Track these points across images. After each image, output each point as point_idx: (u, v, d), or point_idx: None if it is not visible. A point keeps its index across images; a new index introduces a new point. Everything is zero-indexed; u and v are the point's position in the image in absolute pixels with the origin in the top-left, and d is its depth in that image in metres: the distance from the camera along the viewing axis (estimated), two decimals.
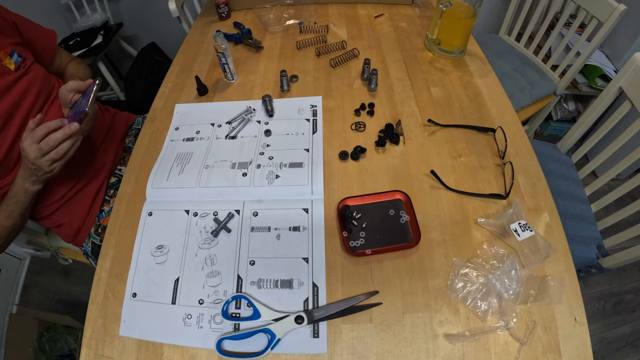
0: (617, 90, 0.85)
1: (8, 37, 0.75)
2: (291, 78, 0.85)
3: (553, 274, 0.53)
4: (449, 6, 0.81)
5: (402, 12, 1.05)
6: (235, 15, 1.09)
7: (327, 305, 0.52)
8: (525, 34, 1.39)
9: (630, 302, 1.36)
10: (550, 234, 0.57)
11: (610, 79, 1.24)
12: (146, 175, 0.67)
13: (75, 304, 1.43)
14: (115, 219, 0.64)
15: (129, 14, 1.93)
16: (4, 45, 0.73)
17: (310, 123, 0.74)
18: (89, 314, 0.54)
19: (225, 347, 0.50)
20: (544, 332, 0.48)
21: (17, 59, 0.74)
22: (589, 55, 1.14)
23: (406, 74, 0.84)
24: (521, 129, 0.71)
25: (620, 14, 0.99)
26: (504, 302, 0.50)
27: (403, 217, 0.60)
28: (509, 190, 0.61)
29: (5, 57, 0.72)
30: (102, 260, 0.59)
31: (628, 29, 1.43)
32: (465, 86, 0.81)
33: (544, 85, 1.31)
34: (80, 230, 0.84)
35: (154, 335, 0.52)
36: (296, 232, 0.59)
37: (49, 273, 1.52)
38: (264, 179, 0.64)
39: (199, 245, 0.59)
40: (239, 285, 0.55)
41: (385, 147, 0.70)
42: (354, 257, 0.56)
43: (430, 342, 0.49)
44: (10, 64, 0.72)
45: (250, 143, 0.71)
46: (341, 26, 1.01)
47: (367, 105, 0.77)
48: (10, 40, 0.74)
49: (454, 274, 0.53)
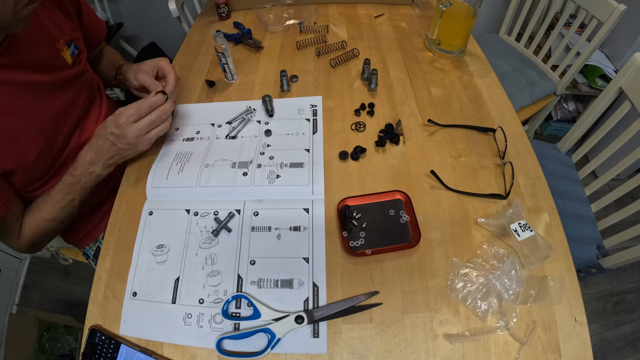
0: (617, 90, 0.85)
1: (70, 19, 0.67)
2: (291, 78, 0.85)
3: (553, 274, 0.53)
4: (449, 6, 0.81)
5: (402, 12, 1.05)
6: (235, 15, 1.09)
7: (327, 305, 0.52)
8: (525, 34, 1.39)
9: (630, 302, 1.36)
10: (550, 234, 0.57)
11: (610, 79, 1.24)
12: (146, 175, 0.67)
13: (75, 304, 1.43)
14: (115, 218, 0.64)
15: (129, 14, 1.93)
16: (64, 31, 0.65)
17: (310, 123, 0.74)
18: (89, 314, 0.54)
19: (225, 346, 0.50)
20: (544, 332, 0.48)
21: (74, 51, 0.66)
22: (589, 55, 1.15)
23: (406, 74, 0.85)
24: (521, 129, 0.71)
25: (620, 14, 0.99)
26: (504, 302, 0.50)
27: (403, 217, 0.60)
28: (509, 190, 0.61)
29: (63, 46, 0.64)
30: (102, 260, 0.59)
31: (628, 29, 1.44)
32: (465, 86, 0.81)
33: (544, 85, 1.31)
34: (88, 235, 0.83)
35: (154, 335, 0.52)
36: (297, 232, 0.59)
37: (49, 273, 1.52)
38: (265, 179, 0.64)
39: (199, 244, 0.59)
40: (239, 285, 0.55)
41: (385, 147, 0.70)
42: (354, 257, 0.56)
43: (430, 342, 0.49)
44: (67, 57, 0.65)
45: (251, 143, 0.71)
46: (341, 26, 1.01)
47: (367, 105, 0.77)
48: (70, 25, 0.67)
49: (454, 274, 0.53)
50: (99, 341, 0.51)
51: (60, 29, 0.64)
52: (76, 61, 0.67)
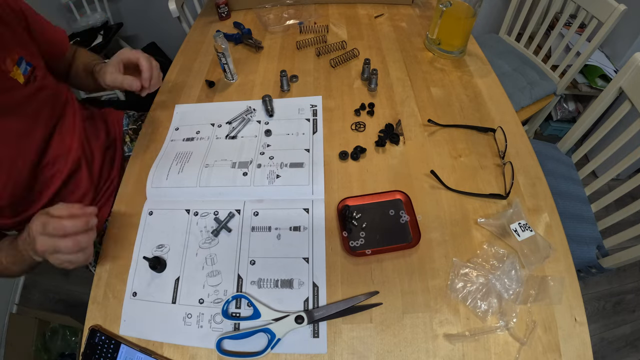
0: (617, 90, 0.85)
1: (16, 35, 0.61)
2: (291, 78, 0.85)
3: (553, 274, 0.53)
4: (449, 6, 0.81)
5: (402, 12, 1.05)
6: (235, 15, 1.09)
7: (327, 305, 0.52)
8: (525, 34, 1.39)
9: (630, 302, 1.36)
10: (550, 234, 0.57)
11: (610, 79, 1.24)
12: (146, 175, 0.67)
13: (75, 304, 1.43)
14: (115, 218, 0.64)
15: (129, 14, 1.93)
16: (11, 49, 0.59)
17: (310, 123, 0.74)
18: (89, 314, 0.54)
19: (225, 346, 0.50)
20: (544, 332, 0.48)
21: (26, 68, 0.61)
22: (589, 55, 1.15)
23: (406, 74, 0.85)
24: (521, 129, 0.71)
25: (620, 14, 0.99)
26: (504, 302, 0.50)
27: (403, 217, 0.60)
28: (509, 190, 0.61)
29: (12, 66, 0.58)
30: (102, 260, 0.59)
31: (628, 29, 1.43)
32: (465, 86, 0.81)
33: (544, 85, 1.31)
34: None
35: (154, 335, 0.52)
36: (297, 232, 0.59)
37: (49, 273, 1.51)
38: (265, 179, 0.64)
39: (199, 244, 0.59)
40: (239, 285, 0.55)
41: (385, 147, 0.70)
42: (354, 257, 0.56)
43: (430, 342, 0.49)
44: (18, 76, 0.59)
45: (251, 143, 0.71)
46: (341, 26, 1.01)
47: (367, 105, 0.77)
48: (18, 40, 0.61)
49: (454, 274, 0.53)
50: (99, 341, 0.51)
51: (5, 47, 0.58)
52: (29, 79, 0.61)
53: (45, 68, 0.68)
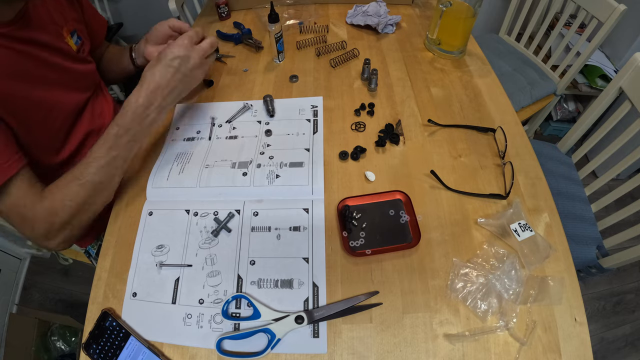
0: (617, 90, 0.85)
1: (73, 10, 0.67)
2: (291, 78, 0.85)
3: (553, 274, 0.53)
4: (449, 6, 0.81)
5: (402, 12, 1.05)
6: (235, 15, 1.09)
7: (327, 305, 0.52)
8: (525, 34, 1.39)
9: (630, 302, 1.36)
10: (550, 234, 0.57)
11: (610, 79, 1.24)
12: (146, 175, 0.67)
13: (75, 304, 1.43)
14: (115, 218, 0.64)
15: (129, 14, 1.93)
16: (68, 20, 0.64)
17: (310, 123, 0.74)
18: (89, 314, 0.54)
19: (225, 347, 0.50)
20: (544, 332, 0.48)
21: (77, 40, 0.66)
22: (589, 56, 1.15)
23: (406, 74, 0.85)
24: (521, 129, 0.71)
25: (620, 14, 0.99)
26: (504, 302, 0.50)
27: (403, 217, 0.60)
28: (509, 190, 0.61)
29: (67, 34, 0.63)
30: (102, 260, 0.59)
31: (628, 29, 1.44)
32: (465, 86, 0.81)
33: (544, 85, 1.32)
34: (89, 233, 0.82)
35: (154, 335, 0.52)
36: (296, 232, 0.59)
37: (49, 273, 1.52)
38: (265, 179, 0.64)
39: (199, 245, 0.59)
40: (239, 285, 0.55)
41: (385, 147, 0.70)
42: (354, 257, 0.56)
43: (430, 342, 0.49)
44: (71, 44, 0.65)
45: (251, 143, 0.71)
46: (341, 26, 1.01)
47: (367, 105, 0.77)
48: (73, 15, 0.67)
49: (454, 274, 0.53)
50: (110, 326, 0.51)
51: (64, 17, 0.64)
52: (80, 50, 0.67)
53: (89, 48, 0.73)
